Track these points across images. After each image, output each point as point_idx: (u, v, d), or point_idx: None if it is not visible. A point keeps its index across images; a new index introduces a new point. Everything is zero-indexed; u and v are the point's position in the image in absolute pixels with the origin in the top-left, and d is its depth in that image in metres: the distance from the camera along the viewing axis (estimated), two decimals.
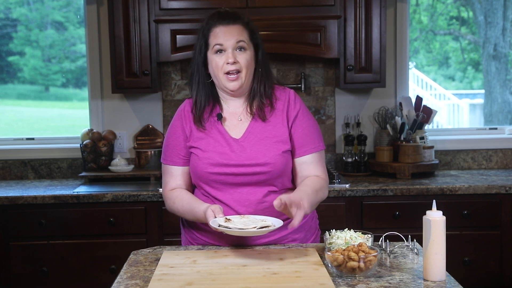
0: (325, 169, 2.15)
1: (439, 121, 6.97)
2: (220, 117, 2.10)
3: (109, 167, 3.64)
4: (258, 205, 2.05)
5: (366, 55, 3.49)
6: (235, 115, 2.12)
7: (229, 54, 2.03)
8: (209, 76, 2.10)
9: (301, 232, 2.15)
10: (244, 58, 2.04)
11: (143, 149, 3.73)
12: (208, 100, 2.11)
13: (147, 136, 3.82)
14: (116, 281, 1.76)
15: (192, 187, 2.20)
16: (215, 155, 2.05)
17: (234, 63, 2.03)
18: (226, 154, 2.04)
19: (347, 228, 1.98)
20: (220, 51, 2.04)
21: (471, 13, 5.83)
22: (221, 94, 2.13)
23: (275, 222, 1.90)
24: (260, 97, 2.09)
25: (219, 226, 1.85)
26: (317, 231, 2.25)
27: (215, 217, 1.90)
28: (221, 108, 2.13)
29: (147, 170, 3.66)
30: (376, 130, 3.85)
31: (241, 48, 2.04)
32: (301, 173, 2.11)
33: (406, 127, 3.70)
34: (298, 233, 2.14)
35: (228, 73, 2.04)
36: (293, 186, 2.15)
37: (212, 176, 2.05)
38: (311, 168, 2.11)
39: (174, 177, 2.15)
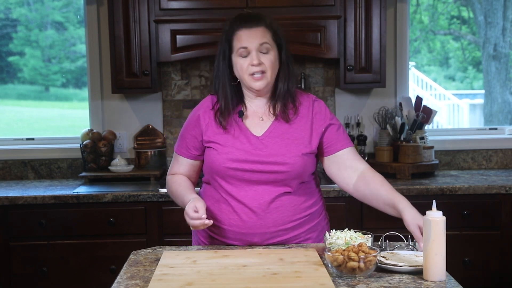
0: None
1: (439, 121, 6.97)
2: (241, 114, 2.12)
3: (109, 167, 3.64)
4: (271, 204, 2.07)
5: (366, 55, 3.49)
6: (257, 114, 2.15)
7: (253, 56, 2.05)
8: (234, 78, 2.13)
9: (314, 232, 2.17)
10: (268, 59, 2.07)
11: (143, 149, 3.73)
12: (232, 102, 2.13)
13: (147, 136, 3.82)
14: (116, 281, 1.77)
15: (195, 180, 2.24)
16: (235, 151, 2.07)
17: (259, 64, 2.06)
18: (245, 151, 2.07)
19: (347, 228, 1.98)
20: (244, 53, 2.07)
21: (471, 13, 5.83)
22: (247, 93, 2.16)
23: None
24: (283, 98, 2.12)
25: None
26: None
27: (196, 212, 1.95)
28: (243, 107, 2.15)
29: (147, 170, 3.66)
30: (376, 130, 3.85)
31: (265, 50, 2.07)
32: (349, 163, 2.12)
33: (406, 127, 3.70)
34: (311, 232, 2.16)
35: (253, 74, 2.06)
36: (317, 187, 2.20)
37: (230, 172, 2.06)
38: (354, 159, 2.13)
39: (179, 165, 2.22)
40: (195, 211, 1.96)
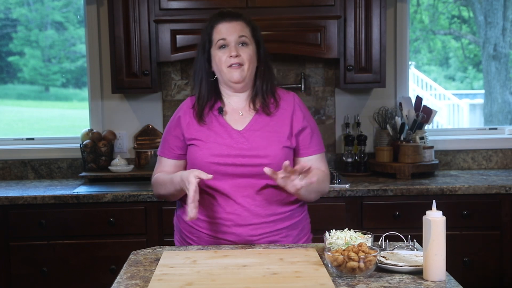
0: (327, 166, 2.24)
1: (439, 121, 6.98)
2: (221, 110, 2.16)
3: (109, 167, 3.64)
4: (256, 196, 2.09)
5: (366, 55, 3.49)
6: (237, 110, 2.18)
7: (231, 48, 2.11)
8: (213, 74, 2.17)
9: (295, 230, 2.18)
10: (247, 53, 2.12)
11: (143, 149, 3.73)
12: (210, 96, 2.17)
13: (147, 136, 3.82)
14: (116, 281, 1.77)
15: None
16: (217, 146, 2.10)
17: (237, 56, 2.10)
18: (227, 145, 2.10)
19: (347, 228, 1.98)
20: (223, 46, 2.12)
21: (471, 13, 5.83)
22: (224, 90, 2.19)
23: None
24: (262, 95, 2.16)
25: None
26: (309, 234, 2.27)
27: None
28: (222, 104, 2.18)
29: (147, 170, 3.66)
30: (376, 130, 3.85)
31: (243, 43, 2.12)
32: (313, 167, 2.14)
33: (406, 127, 3.70)
34: (292, 230, 2.17)
35: (231, 66, 2.10)
36: None
37: (213, 166, 2.07)
38: (315, 165, 2.15)
39: (162, 166, 2.23)
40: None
